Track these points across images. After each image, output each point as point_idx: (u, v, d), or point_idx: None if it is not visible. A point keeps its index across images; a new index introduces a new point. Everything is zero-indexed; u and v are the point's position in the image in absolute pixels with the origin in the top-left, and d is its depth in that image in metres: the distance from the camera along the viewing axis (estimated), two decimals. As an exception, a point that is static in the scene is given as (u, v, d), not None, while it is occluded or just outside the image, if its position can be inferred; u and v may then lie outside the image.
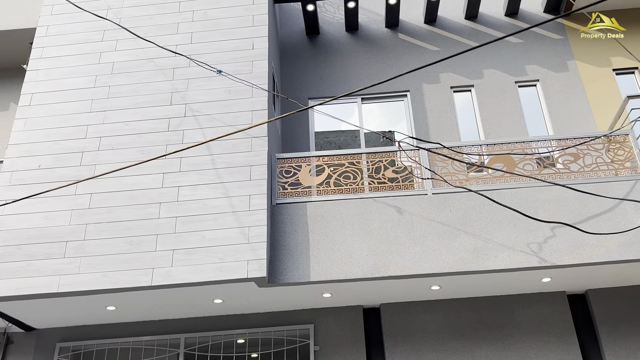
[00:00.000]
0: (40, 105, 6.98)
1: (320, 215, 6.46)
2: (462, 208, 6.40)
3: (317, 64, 9.16)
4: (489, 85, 8.70)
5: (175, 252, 5.95)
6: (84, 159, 6.57)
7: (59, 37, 7.50)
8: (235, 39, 7.29)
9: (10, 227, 6.17)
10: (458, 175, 6.70)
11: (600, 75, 8.49)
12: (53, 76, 7.18)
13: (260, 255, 5.86)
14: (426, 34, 9.29)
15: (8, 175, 6.50)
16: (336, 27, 9.53)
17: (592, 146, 6.75)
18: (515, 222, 6.24)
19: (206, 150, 6.51)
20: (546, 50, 8.89)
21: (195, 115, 6.77)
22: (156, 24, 7.48)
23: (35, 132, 6.78)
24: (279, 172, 6.83)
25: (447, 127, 8.42)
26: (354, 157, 6.93)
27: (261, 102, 6.82)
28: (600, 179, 6.46)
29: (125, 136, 6.68)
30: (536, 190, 6.44)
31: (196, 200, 6.23)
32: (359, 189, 6.70)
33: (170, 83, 7.01)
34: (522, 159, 6.71)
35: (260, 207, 6.16)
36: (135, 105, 6.88)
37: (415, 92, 8.73)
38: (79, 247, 6.02)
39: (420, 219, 6.36)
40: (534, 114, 8.48)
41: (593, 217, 6.20)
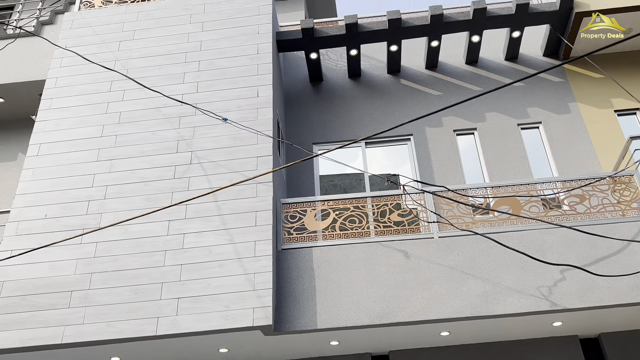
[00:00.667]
0: (48, 155, 7.07)
1: (326, 261, 6.41)
2: (470, 251, 6.35)
3: (321, 109, 9.28)
4: (492, 127, 8.77)
5: (181, 301, 5.89)
6: (90, 207, 6.60)
7: (67, 88, 7.67)
8: (241, 87, 7.43)
9: (16, 277, 6.16)
10: (464, 218, 6.68)
11: (602, 117, 8.56)
12: (61, 126, 7.30)
13: (266, 303, 5.80)
14: (428, 79, 9.44)
15: (15, 225, 6.53)
16: (339, 74, 9.71)
17: (597, 187, 6.74)
18: (524, 265, 6.18)
19: (211, 197, 6.54)
20: (547, 92, 9.00)
21: (201, 162, 6.83)
22: (163, 74, 7.65)
23: (43, 182, 6.85)
24: (284, 217, 6.83)
25: (451, 170, 8.44)
26: (359, 201, 6.94)
27: (266, 148, 6.89)
28: (607, 220, 6.42)
29: (131, 184, 6.73)
30: (543, 233, 6.40)
31: (201, 247, 6.22)
32: (365, 233, 6.67)
33: (176, 131, 7.11)
34: (528, 201, 6.69)
35: (265, 253, 6.13)
36: (142, 154, 6.96)
37: (419, 135, 8.80)
38: (83, 297, 5.98)
39: (427, 263, 6.31)
40: (538, 156, 8.51)
41: (602, 259, 6.13)
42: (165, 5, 8.51)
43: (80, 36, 8.26)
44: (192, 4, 8.47)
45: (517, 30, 8.99)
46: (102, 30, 8.30)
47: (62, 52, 8.05)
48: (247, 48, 7.84)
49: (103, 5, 8.83)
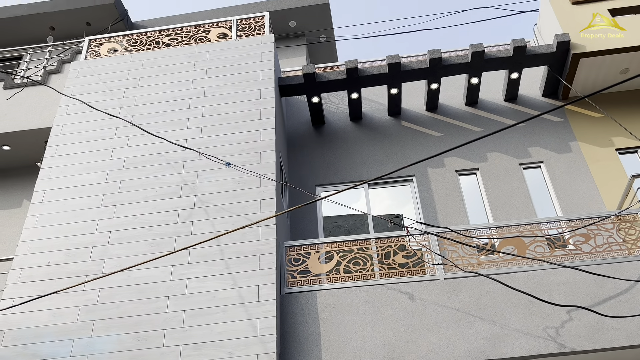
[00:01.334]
0: (53, 201, 7.11)
1: (330, 304, 6.34)
2: (476, 293, 6.28)
3: (323, 152, 9.36)
4: (494, 167, 8.80)
5: (184, 348, 5.81)
6: (94, 253, 6.59)
7: (72, 135, 7.78)
8: (244, 131, 7.53)
9: (18, 325, 6.10)
10: (469, 259, 6.63)
11: (604, 155, 8.59)
12: (66, 173, 7.37)
13: (270, 349, 5.71)
14: (428, 120, 9.55)
15: (17, 273, 6.51)
16: (341, 116, 9.83)
17: (602, 226, 6.71)
18: (531, 306, 6.09)
19: (214, 241, 6.52)
20: (548, 132, 9.07)
21: (205, 206, 6.85)
22: (167, 120, 7.76)
23: (46, 229, 6.86)
24: (288, 260, 6.80)
25: (454, 210, 8.43)
26: (363, 242, 6.91)
27: (269, 191, 6.92)
28: (613, 260, 6.37)
29: (134, 229, 6.74)
30: (549, 273, 6.34)
31: (205, 292, 6.17)
32: (370, 275, 6.62)
33: (180, 176, 7.16)
34: (533, 240, 6.66)
35: (269, 297, 6.08)
36: (146, 199, 7.00)
37: (421, 176, 8.84)
38: (86, 345, 5.90)
39: (433, 305, 6.23)
40: (541, 195, 8.50)
41: (610, 299, 6.05)
42: (170, 53, 8.71)
43: (86, 84, 8.43)
44: (196, 51, 8.67)
45: (516, 71, 9.14)
46: (107, 78, 8.47)
47: (68, 100, 8.20)
48: (250, 93, 7.98)
49: (109, 54, 9.05)
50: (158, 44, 9.06)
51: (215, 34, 9.06)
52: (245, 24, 9.15)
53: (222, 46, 8.70)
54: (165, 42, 9.06)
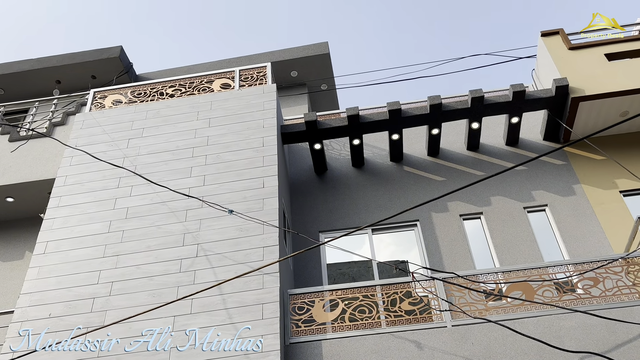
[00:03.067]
0: (55, 252, 7.07)
1: (336, 354, 6.18)
2: (485, 340, 6.12)
3: (326, 198, 9.35)
4: (498, 211, 8.76)
5: (185, 403, 5.63)
6: (95, 305, 6.49)
7: (76, 186, 7.81)
8: (247, 179, 7.54)
9: (15, 381, 5.94)
10: (477, 305, 6.50)
11: (608, 198, 8.55)
12: (68, 223, 7.35)
13: (275, 403, 5.53)
14: (430, 165, 9.57)
15: (17, 326, 6.39)
16: (343, 163, 9.87)
17: (610, 269, 6.61)
18: (542, 353, 5.93)
19: (217, 290, 6.43)
20: (551, 175, 9.06)
21: (207, 255, 6.79)
22: (170, 169, 7.80)
23: (48, 280, 6.79)
24: (292, 308, 6.67)
25: (460, 255, 8.34)
26: (368, 289, 6.80)
27: (272, 238, 6.87)
28: (624, 303, 6.23)
29: (136, 279, 6.66)
30: (559, 318, 6.20)
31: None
32: (376, 323, 6.48)
33: (182, 224, 7.13)
34: (541, 285, 6.54)
35: (273, 347, 5.93)
36: (148, 248, 6.95)
37: (425, 221, 8.79)
38: (84, 400, 5.74)
39: (441, 354, 6.07)
40: (547, 239, 8.42)
41: (622, 344, 5.89)
42: (173, 103, 8.84)
43: (91, 135, 8.53)
44: (200, 101, 8.80)
45: (516, 116, 9.22)
46: (111, 129, 8.57)
47: (72, 152, 8.27)
48: (253, 141, 8.04)
49: (113, 105, 9.19)
50: (162, 95, 9.21)
51: (218, 85, 9.21)
52: (248, 74, 9.32)
53: (225, 96, 8.84)
54: (169, 93, 9.20)
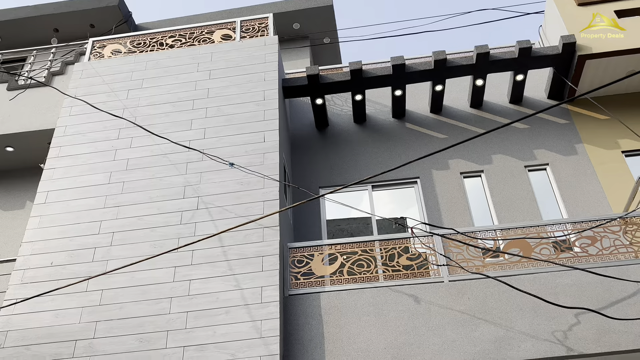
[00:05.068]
0: (56, 202, 7.09)
1: (334, 306, 6.29)
2: (481, 295, 6.22)
3: (327, 154, 9.32)
4: (499, 170, 8.75)
5: (186, 349, 5.77)
6: (97, 254, 6.56)
7: (76, 136, 7.77)
8: (247, 133, 7.49)
9: (20, 326, 6.07)
10: (474, 261, 6.58)
11: (610, 158, 8.53)
12: (69, 174, 7.35)
13: (274, 351, 5.66)
14: (432, 122, 9.50)
15: (20, 274, 6.48)
16: (344, 118, 9.80)
17: (608, 228, 6.65)
18: (537, 308, 6.03)
19: (218, 242, 6.49)
20: (553, 134, 9.01)
21: (208, 208, 6.81)
22: (171, 121, 7.74)
23: (49, 229, 6.84)
24: (291, 262, 6.75)
25: (459, 213, 8.38)
26: (366, 244, 6.86)
27: (272, 192, 6.88)
28: (620, 262, 6.30)
29: (138, 230, 6.71)
30: (555, 275, 6.28)
31: (208, 294, 6.13)
32: (374, 277, 6.57)
33: (183, 177, 7.13)
34: (538, 243, 6.60)
35: (272, 299, 6.03)
36: (149, 200, 6.97)
37: (425, 178, 8.79)
38: (88, 346, 5.87)
39: (438, 307, 6.17)
40: (546, 198, 8.44)
41: (617, 301, 5.98)
42: (173, 54, 8.70)
43: (90, 85, 8.42)
44: (200, 52, 8.66)
45: (521, 73, 9.10)
46: (111, 79, 8.46)
47: (71, 101, 8.19)
48: (254, 94, 7.95)
49: (112, 55, 9.04)
50: (162, 45, 9.05)
51: (219, 36, 9.04)
52: (249, 26, 9.13)
53: (226, 47, 8.69)
54: (169, 44, 9.04)
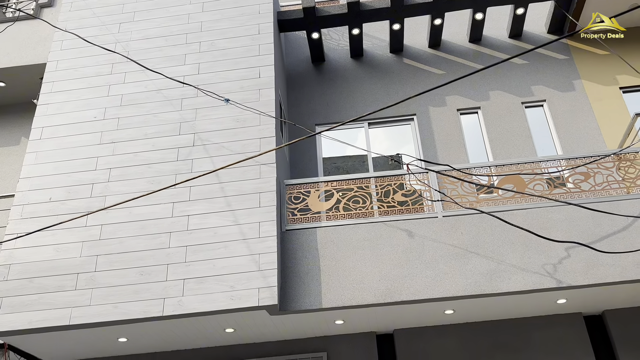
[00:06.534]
0: (51, 138, 7.06)
1: (330, 241, 6.43)
2: (474, 230, 6.35)
3: (323, 90, 9.23)
4: (496, 106, 8.72)
5: (186, 282, 5.92)
6: (95, 190, 6.61)
7: (68, 71, 7.63)
8: (242, 68, 7.38)
9: (22, 260, 6.19)
10: (468, 197, 6.67)
11: (607, 94, 8.49)
12: (63, 110, 7.28)
13: (272, 283, 5.83)
14: (431, 58, 9.36)
15: (20, 209, 6.54)
16: (341, 53, 9.63)
17: (602, 165, 6.71)
18: (528, 243, 6.18)
19: (215, 179, 6.53)
20: (552, 70, 8.92)
21: (204, 144, 6.81)
22: (164, 56, 7.60)
23: (46, 165, 6.85)
24: (288, 198, 6.83)
25: (455, 150, 8.41)
26: (362, 181, 6.93)
27: (269, 129, 6.86)
28: (612, 198, 6.40)
29: (135, 167, 6.73)
30: (548, 211, 6.39)
31: (206, 229, 6.23)
32: (369, 213, 6.67)
33: (178, 113, 7.08)
34: (532, 179, 6.67)
35: (270, 233, 6.14)
36: (145, 136, 6.95)
37: (422, 115, 8.76)
38: (90, 279, 6.02)
39: (431, 242, 6.32)
40: (542, 134, 8.46)
41: (607, 236, 6.13)
42: (165, -15, 8.41)
43: (81, 18, 8.19)
44: (192, -16, 8.37)
45: (521, 7, 8.89)
46: (101, 12, 8.22)
47: (62, 35, 7.99)
48: (248, 28, 7.77)
49: (102, -14, 8.73)
50: (153, -24, 8.72)
51: (212, -34, 8.70)
52: (243, -45, 8.77)
53: (219, -21, 8.39)
54: (160, -26, 8.71)
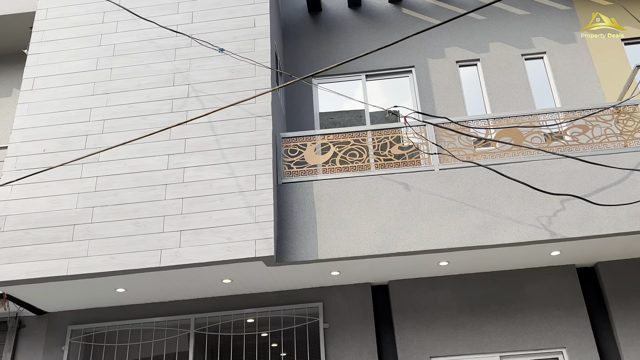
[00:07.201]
0: (43, 89, 6.93)
1: (326, 194, 6.42)
2: (470, 183, 6.35)
3: (320, 41, 9.05)
4: (495, 58, 8.58)
5: (183, 233, 5.94)
6: (89, 142, 6.54)
7: (59, 20, 7.42)
8: (237, 17, 7.19)
9: (18, 211, 6.18)
10: (465, 150, 6.64)
11: (608, 46, 8.35)
12: (54, 60, 7.12)
13: (268, 235, 5.85)
14: (430, 8, 9.14)
15: (13, 160, 6.49)
16: (338, 3, 9.38)
17: (601, 117, 6.66)
18: (524, 195, 6.19)
19: (210, 131, 6.47)
20: (553, 21, 8.73)
21: (199, 96, 6.71)
22: (156, 4, 7.38)
23: (39, 117, 6.75)
24: (284, 151, 6.79)
25: (453, 103, 8.32)
26: (359, 134, 6.87)
27: (264, 80, 6.75)
28: (609, 151, 6.38)
29: (128, 118, 6.64)
30: (544, 164, 6.37)
31: (202, 181, 6.21)
32: (365, 166, 6.65)
33: (172, 64, 6.94)
34: (530, 132, 6.62)
35: (266, 186, 6.13)
36: (138, 87, 6.83)
37: (420, 67, 8.62)
38: (86, 230, 6.03)
39: (427, 195, 6.32)
40: (542, 87, 8.36)
41: (603, 189, 6.13)
42: None
43: (69, -35, 7.91)
44: None
45: (524, -45, 8.63)
46: (91, -42, 7.93)
47: (51, -18, 7.73)
48: (243, -25, 7.52)
49: None
50: None
51: None
52: None
53: None
54: None
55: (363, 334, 6.85)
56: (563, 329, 6.66)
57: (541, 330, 6.68)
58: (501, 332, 6.71)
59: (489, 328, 6.74)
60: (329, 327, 6.92)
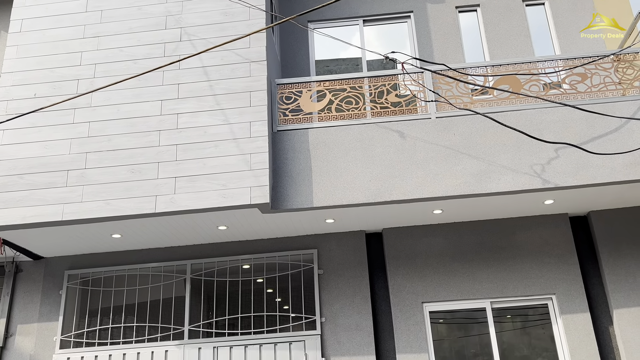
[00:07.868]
0: (32, 31, 6.75)
1: (322, 142, 6.38)
2: (466, 131, 6.31)
3: (316, -16, 8.78)
4: (496, 4, 8.37)
5: (178, 180, 5.93)
6: (80, 87, 6.42)
7: (45, -42, 7.15)
8: (230, -43, 6.94)
9: (10, 156, 6.13)
10: (462, 98, 6.56)
11: (612, -8, 8.15)
12: (42, 1, 6.90)
13: (263, 182, 5.84)
14: (430, -50, 8.85)
15: (4, 105, 6.39)
16: (336, -55, 9.05)
17: (600, 65, 6.56)
18: (520, 144, 6.17)
19: (204, 76, 6.36)
20: (556, -35, 8.49)
21: (191, 40, 6.55)
22: (147, -57, 7.10)
23: (29, 60, 6.60)
24: (279, 98, 6.70)
25: (451, 50, 8.18)
26: (355, 81, 6.76)
27: (259, 24, 6.59)
28: (607, 99, 6.32)
29: (120, 62, 6.51)
30: (542, 112, 6.32)
31: (196, 128, 6.15)
32: (361, 114, 6.58)
33: (163, 6, 6.75)
34: (528, 80, 6.54)
35: (261, 134, 6.08)
36: (130, 30, 6.66)
37: (419, 12, 8.42)
38: (80, 176, 6.00)
39: (423, 143, 6.29)
40: (542, 35, 8.20)
41: (599, 137, 6.11)
42: None
43: None
44: None
45: None
46: None
47: None
48: None
49: None
50: None
51: None
52: None
53: None
54: None
55: (356, 280, 6.97)
56: (553, 275, 6.78)
57: (531, 277, 6.80)
58: (492, 278, 6.83)
59: (481, 275, 6.86)
60: (323, 274, 7.03)
